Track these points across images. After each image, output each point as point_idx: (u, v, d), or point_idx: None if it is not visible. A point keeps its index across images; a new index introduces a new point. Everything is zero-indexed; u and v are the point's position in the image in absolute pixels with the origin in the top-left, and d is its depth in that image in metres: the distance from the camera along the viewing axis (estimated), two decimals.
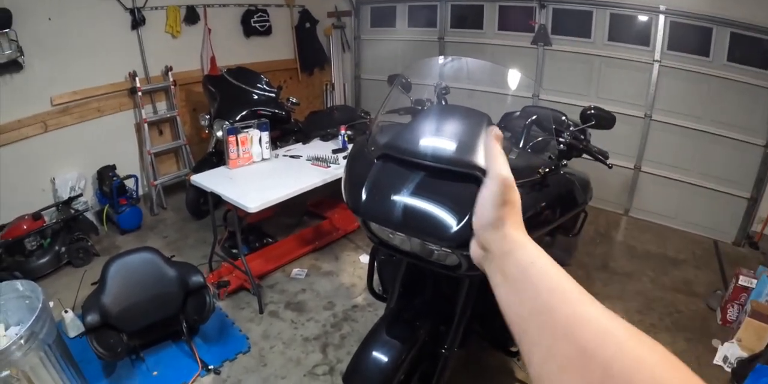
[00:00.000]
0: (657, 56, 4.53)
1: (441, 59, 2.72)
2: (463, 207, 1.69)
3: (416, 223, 1.75)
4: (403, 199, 1.75)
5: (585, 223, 2.94)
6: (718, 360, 3.07)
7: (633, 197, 5.08)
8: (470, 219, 1.68)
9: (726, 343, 3.13)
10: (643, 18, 4.56)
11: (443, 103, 2.44)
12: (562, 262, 3.06)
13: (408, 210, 1.74)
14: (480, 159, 1.74)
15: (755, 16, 3.96)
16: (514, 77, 2.23)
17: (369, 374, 1.92)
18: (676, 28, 4.40)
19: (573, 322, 0.47)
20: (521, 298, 0.53)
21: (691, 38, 4.39)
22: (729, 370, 2.96)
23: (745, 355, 2.98)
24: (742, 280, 3.37)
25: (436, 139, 1.88)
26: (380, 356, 1.93)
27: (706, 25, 4.24)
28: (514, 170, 1.82)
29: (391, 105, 2.43)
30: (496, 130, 0.70)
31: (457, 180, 1.75)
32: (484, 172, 1.79)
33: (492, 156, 0.67)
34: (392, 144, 1.92)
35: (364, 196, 1.84)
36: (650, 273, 4.02)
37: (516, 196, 0.62)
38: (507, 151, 1.88)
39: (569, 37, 5.04)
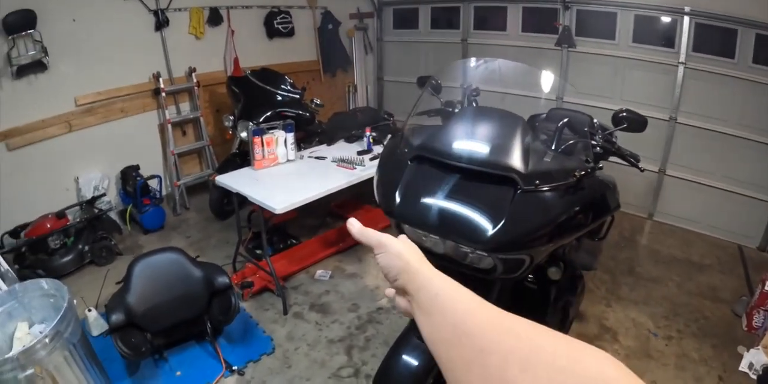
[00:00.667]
0: (682, 58, 4.47)
1: (473, 61, 2.71)
2: (500, 210, 1.69)
3: (452, 225, 1.75)
4: (439, 201, 1.75)
5: (611, 227, 2.92)
6: (743, 367, 3.01)
7: (657, 201, 5.02)
8: (507, 222, 1.67)
9: (752, 350, 3.06)
10: (667, 19, 4.51)
11: (474, 104, 2.43)
12: (588, 267, 3.04)
13: (443, 212, 1.74)
14: (516, 161, 1.74)
15: None
16: (547, 79, 2.21)
17: (399, 378, 1.92)
18: (701, 29, 4.35)
19: (472, 328, 0.54)
20: (435, 325, 0.60)
21: (716, 40, 4.33)
22: (755, 376, 2.90)
23: None
24: None
25: (471, 141, 1.88)
26: (410, 360, 1.93)
27: (731, 26, 4.17)
28: (550, 173, 1.81)
29: (422, 107, 2.43)
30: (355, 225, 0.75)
31: (493, 182, 1.75)
32: (520, 174, 1.79)
33: (373, 237, 0.72)
34: (427, 146, 1.92)
35: (398, 199, 1.84)
36: (676, 278, 3.97)
37: (405, 247, 0.70)
38: (541, 153, 1.86)
39: (593, 39, 5.00)
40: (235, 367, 2.94)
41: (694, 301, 3.69)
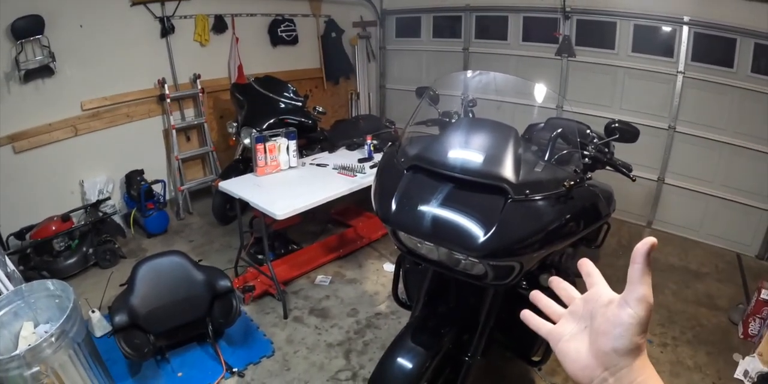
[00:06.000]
0: (681, 67, 4.50)
1: (469, 73, 2.76)
2: (491, 218, 1.74)
3: (444, 233, 1.80)
4: (432, 209, 1.81)
5: (608, 234, 2.95)
6: (738, 374, 3.02)
7: (656, 209, 5.05)
8: (497, 230, 1.72)
9: (747, 357, 3.08)
10: (666, 29, 4.54)
11: (470, 115, 2.48)
12: None
13: (437, 220, 1.79)
14: (507, 171, 1.79)
15: None
16: (540, 91, 2.26)
17: (393, 380, 1.95)
18: (700, 39, 4.38)
19: None
20: None
21: (715, 49, 4.35)
22: None
23: (765, 369, 2.92)
24: (765, 294, 3.32)
25: (465, 151, 1.93)
26: (405, 363, 1.96)
27: (729, 35, 4.20)
28: (540, 183, 1.86)
29: (420, 117, 2.48)
30: (652, 241, 0.60)
31: (485, 191, 1.80)
32: (510, 183, 1.83)
33: (642, 274, 0.59)
34: (422, 156, 1.98)
35: (394, 207, 1.89)
36: (673, 286, 3.99)
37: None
38: (533, 163, 1.92)
39: (593, 49, 5.04)
40: (235, 369, 2.98)
41: (691, 309, 3.71)
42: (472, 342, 2.14)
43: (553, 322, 0.70)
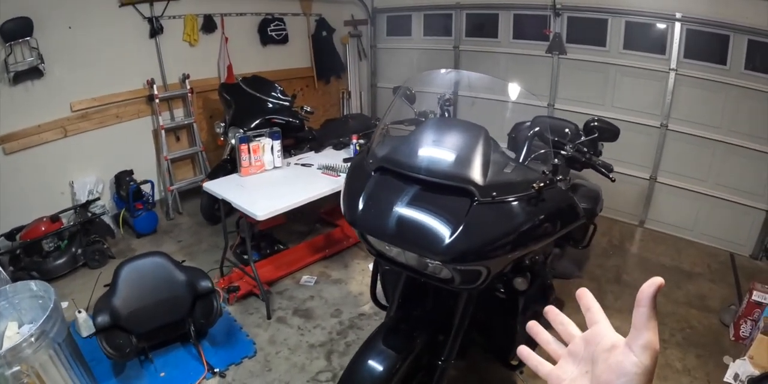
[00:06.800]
0: (673, 65, 4.46)
1: (443, 71, 2.72)
2: (455, 222, 1.71)
3: (409, 236, 1.77)
4: (398, 212, 1.78)
5: (594, 235, 2.92)
6: (728, 377, 2.98)
7: (648, 208, 5.01)
8: (461, 234, 1.69)
9: (738, 360, 3.04)
10: (659, 26, 4.49)
11: (446, 115, 2.44)
12: (570, 275, 3.05)
13: (402, 223, 1.76)
14: (474, 172, 1.76)
15: None
16: (514, 91, 2.23)
17: (362, 382, 1.93)
18: (693, 35, 4.33)
19: None
20: None
21: (707, 46, 4.31)
22: None
23: (756, 372, 2.88)
24: (756, 296, 3.28)
25: (432, 152, 1.90)
26: (375, 365, 1.93)
27: (723, 32, 4.16)
28: (509, 185, 1.82)
29: (396, 116, 2.45)
30: (659, 282, 0.56)
31: (452, 194, 1.77)
32: (476, 185, 1.80)
33: (648, 319, 0.56)
34: (389, 157, 1.95)
35: (360, 208, 1.87)
36: (663, 287, 3.93)
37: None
38: (503, 164, 1.88)
39: (584, 46, 5.00)
40: (216, 370, 2.99)
41: (681, 310, 3.67)
42: (446, 345, 2.11)
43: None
